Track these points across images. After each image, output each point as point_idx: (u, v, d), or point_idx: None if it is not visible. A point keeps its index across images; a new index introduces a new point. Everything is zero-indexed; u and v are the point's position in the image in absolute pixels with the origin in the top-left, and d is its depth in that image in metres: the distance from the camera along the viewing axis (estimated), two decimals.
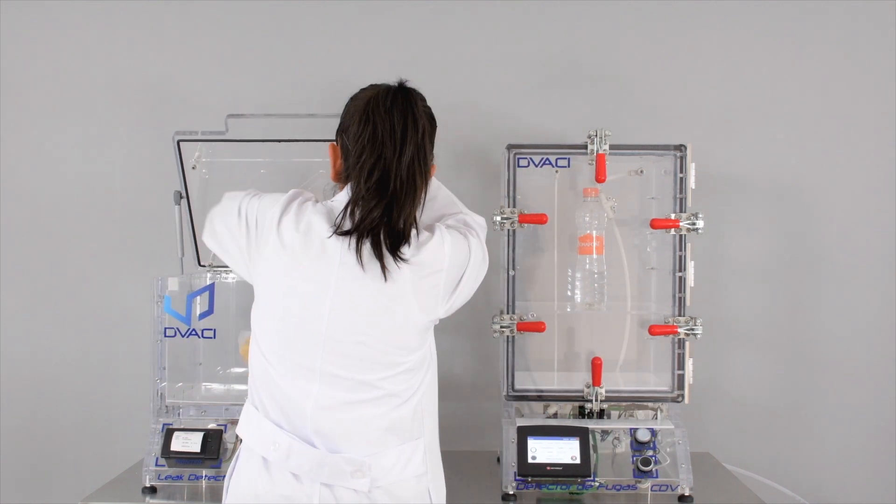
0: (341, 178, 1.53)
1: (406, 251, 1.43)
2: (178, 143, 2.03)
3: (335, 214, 1.45)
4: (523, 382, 2.03)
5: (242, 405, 1.96)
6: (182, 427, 1.96)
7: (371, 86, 1.52)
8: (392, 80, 1.51)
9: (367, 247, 1.41)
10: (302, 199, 1.49)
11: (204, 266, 2.16)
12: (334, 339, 1.44)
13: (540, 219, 1.99)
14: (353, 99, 1.53)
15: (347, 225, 1.43)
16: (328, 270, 1.43)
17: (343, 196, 1.49)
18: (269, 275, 1.46)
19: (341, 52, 2.43)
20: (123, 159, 2.45)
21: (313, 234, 1.44)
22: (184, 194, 2.09)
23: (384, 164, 1.43)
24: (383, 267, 1.41)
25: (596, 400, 1.99)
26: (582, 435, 1.91)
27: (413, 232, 1.45)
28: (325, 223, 1.44)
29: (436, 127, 1.55)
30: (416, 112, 1.46)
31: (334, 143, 1.56)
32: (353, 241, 1.42)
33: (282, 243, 1.44)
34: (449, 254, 1.47)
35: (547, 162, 2.06)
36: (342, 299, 1.43)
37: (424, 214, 1.52)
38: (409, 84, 1.50)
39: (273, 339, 1.47)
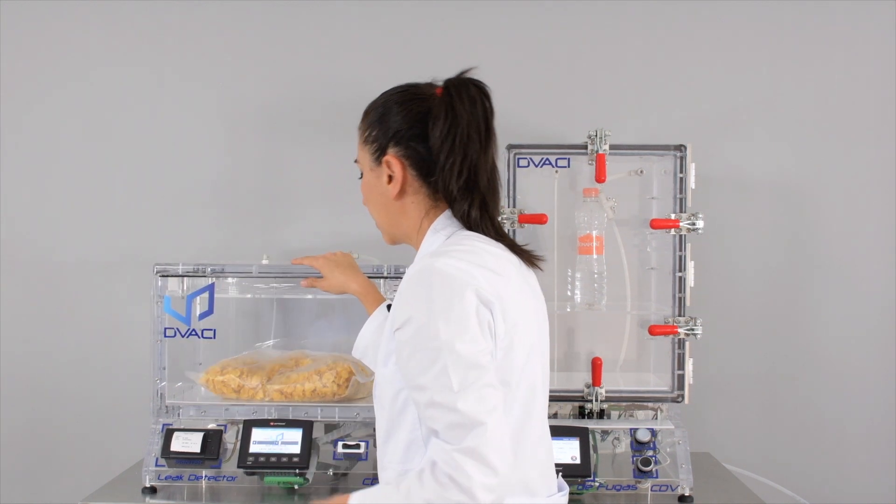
0: (411, 190, 1.37)
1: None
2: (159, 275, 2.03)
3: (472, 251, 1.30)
4: None
5: (241, 405, 1.99)
6: (182, 427, 1.96)
7: (413, 84, 1.41)
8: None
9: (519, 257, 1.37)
10: (467, 284, 1.23)
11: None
12: (546, 371, 1.39)
13: (540, 219, 1.99)
14: (409, 100, 1.38)
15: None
16: (529, 300, 1.35)
17: (445, 222, 1.37)
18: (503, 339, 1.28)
19: (341, 52, 2.43)
20: (123, 157, 2.45)
21: (504, 271, 1.31)
22: None
23: (471, 161, 1.32)
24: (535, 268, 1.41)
25: (596, 400, 1.99)
26: (582, 435, 1.90)
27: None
28: (499, 254, 1.33)
29: None
30: (491, 102, 1.37)
31: (389, 156, 1.37)
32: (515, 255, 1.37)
33: (499, 315, 1.26)
34: None
35: (547, 162, 2.06)
36: (538, 322, 1.37)
37: None
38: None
39: (519, 398, 1.31)
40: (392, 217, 1.41)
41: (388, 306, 1.70)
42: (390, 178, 1.37)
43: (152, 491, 1.94)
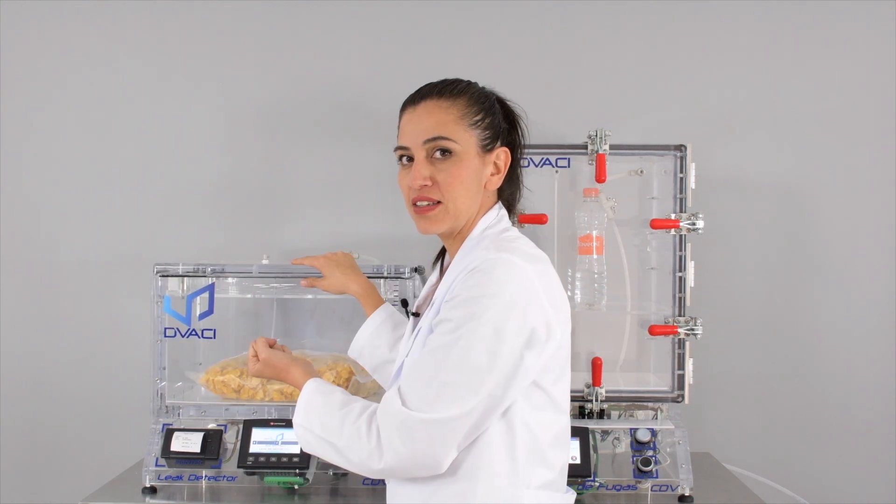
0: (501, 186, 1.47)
1: None
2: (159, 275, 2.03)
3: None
4: None
5: (241, 405, 1.99)
6: (182, 427, 1.96)
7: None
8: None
9: None
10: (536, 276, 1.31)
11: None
12: None
13: (540, 219, 1.99)
14: (502, 104, 1.49)
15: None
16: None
17: (500, 214, 1.46)
18: (558, 339, 1.35)
19: (341, 52, 2.43)
20: (124, 157, 2.45)
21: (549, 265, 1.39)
22: None
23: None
24: None
25: (596, 400, 1.99)
26: (582, 435, 1.91)
27: None
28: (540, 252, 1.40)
29: None
30: None
31: (502, 149, 1.45)
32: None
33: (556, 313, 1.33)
34: None
35: (547, 162, 2.06)
36: None
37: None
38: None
39: (565, 386, 1.40)
40: (472, 203, 1.41)
41: (407, 309, 1.71)
42: (496, 169, 1.43)
43: (152, 491, 1.94)
